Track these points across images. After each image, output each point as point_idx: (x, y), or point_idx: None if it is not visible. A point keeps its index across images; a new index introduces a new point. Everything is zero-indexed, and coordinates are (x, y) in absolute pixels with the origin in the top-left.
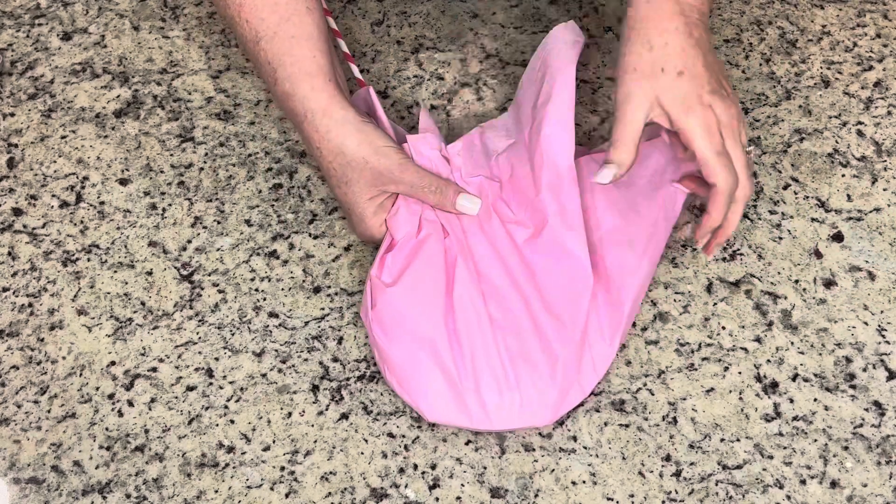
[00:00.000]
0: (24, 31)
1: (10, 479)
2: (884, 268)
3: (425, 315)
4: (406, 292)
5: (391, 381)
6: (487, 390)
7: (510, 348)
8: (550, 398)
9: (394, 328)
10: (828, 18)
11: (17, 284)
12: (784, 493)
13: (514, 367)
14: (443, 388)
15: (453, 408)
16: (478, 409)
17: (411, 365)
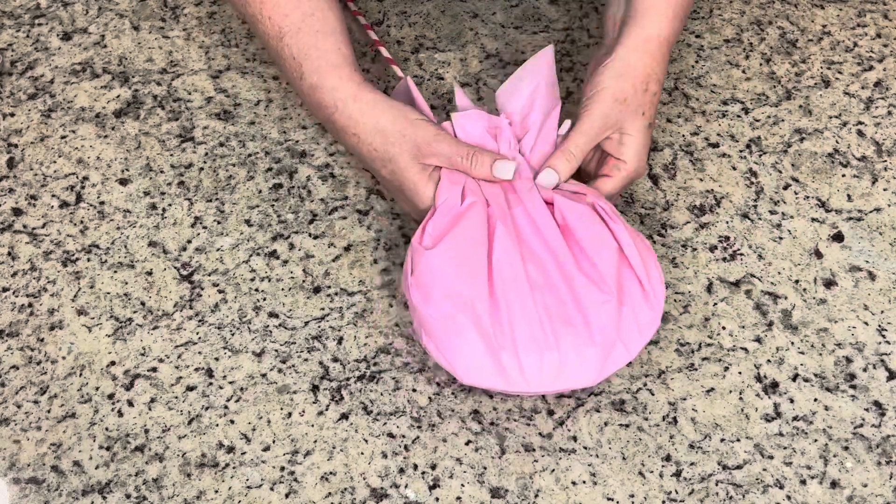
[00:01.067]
0: (24, 31)
1: (10, 479)
2: (884, 268)
3: (464, 277)
4: (445, 255)
5: (427, 345)
6: (525, 351)
7: (549, 309)
8: (591, 358)
9: (432, 290)
10: (828, 18)
11: (17, 284)
12: (784, 494)
13: (553, 328)
14: (480, 349)
15: (490, 369)
16: (515, 371)
17: (448, 326)
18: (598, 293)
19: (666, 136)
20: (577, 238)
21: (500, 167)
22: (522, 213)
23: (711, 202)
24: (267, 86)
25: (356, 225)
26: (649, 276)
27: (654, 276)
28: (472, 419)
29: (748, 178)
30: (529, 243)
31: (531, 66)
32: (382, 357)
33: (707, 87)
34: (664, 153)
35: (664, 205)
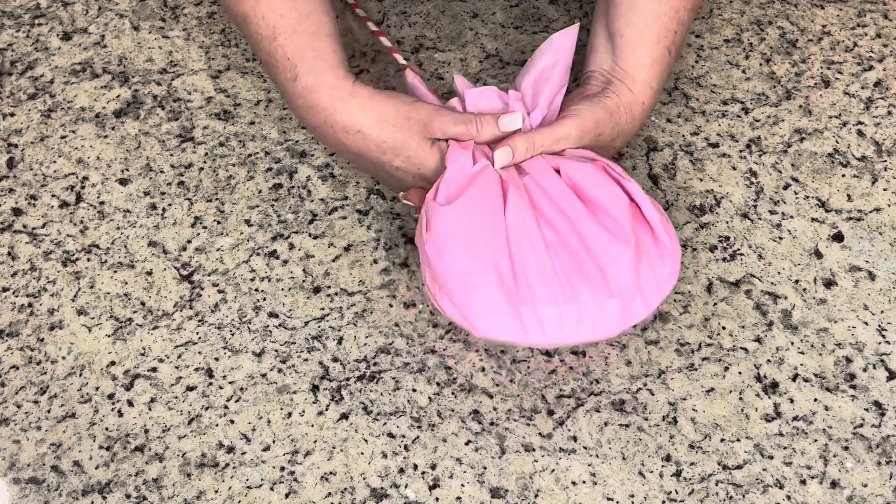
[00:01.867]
0: (24, 31)
1: (10, 479)
2: (884, 268)
3: (481, 233)
4: (462, 211)
5: (441, 301)
6: (543, 304)
7: (566, 266)
8: (611, 310)
9: (448, 246)
10: (828, 18)
11: (16, 284)
12: (784, 494)
13: (570, 281)
14: (499, 302)
15: (508, 321)
16: (534, 323)
17: (466, 280)
18: (616, 244)
19: (666, 136)
20: (589, 196)
21: (507, 120)
22: (531, 181)
23: (711, 202)
24: (267, 86)
25: (356, 225)
26: (667, 232)
27: (670, 232)
28: (472, 419)
29: (748, 178)
30: (542, 207)
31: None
32: (382, 357)
33: (707, 87)
34: (664, 153)
35: (664, 205)
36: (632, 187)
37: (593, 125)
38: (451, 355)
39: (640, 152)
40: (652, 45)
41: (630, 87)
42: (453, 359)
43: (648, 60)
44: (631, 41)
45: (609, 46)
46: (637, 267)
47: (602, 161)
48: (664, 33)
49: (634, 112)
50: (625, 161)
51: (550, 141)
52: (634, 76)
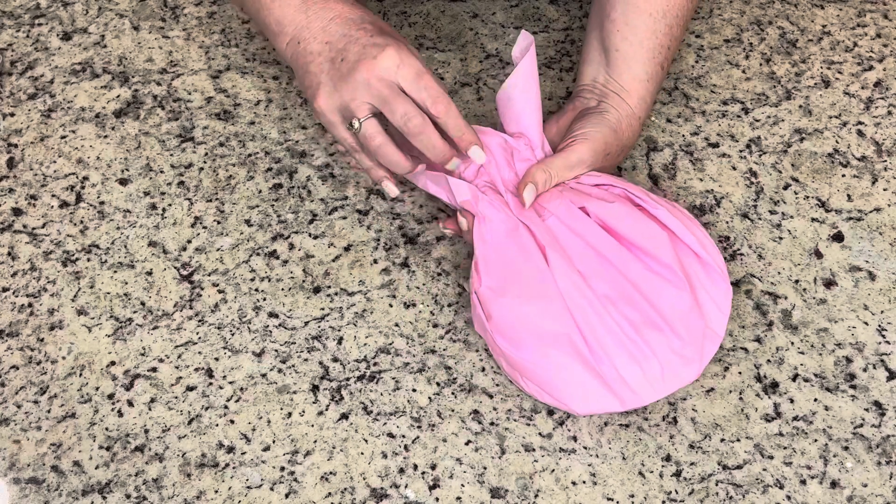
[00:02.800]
0: (24, 31)
1: (10, 479)
2: (884, 268)
3: (544, 311)
4: (519, 297)
5: (530, 390)
6: (626, 368)
7: (631, 319)
8: (689, 354)
9: (519, 334)
10: (828, 18)
11: (17, 284)
12: (784, 494)
13: (641, 336)
14: (586, 378)
15: (602, 394)
16: (624, 390)
17: (547, 365)
18: (671, 289)
19: (666, 136)
20: (626, 237)
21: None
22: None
23: (711, 202)
24: (267, 86)
25: (356, 225)
26: (707, 250)
27: (708, 247)
28: (472, 419)
29: (748, 178)
30: (582, 257)
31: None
32: (382, 357)
33: (707, 87)
34: (664, 153)
35: None
36: (660, 213)
37: (603, 146)
38: (451, 355)
39: (640, 152)
40: (647, 62)
41: (627, 101)
42: (453, 359)
43: (644, 76)
44: (627, 57)
45: (603, 60)
46: (697, 301)
47: (620, 188)
48: (658, 49)
49: (634, 126)
50: (625, 161)
51: (566, 169)
52: (631, 91)
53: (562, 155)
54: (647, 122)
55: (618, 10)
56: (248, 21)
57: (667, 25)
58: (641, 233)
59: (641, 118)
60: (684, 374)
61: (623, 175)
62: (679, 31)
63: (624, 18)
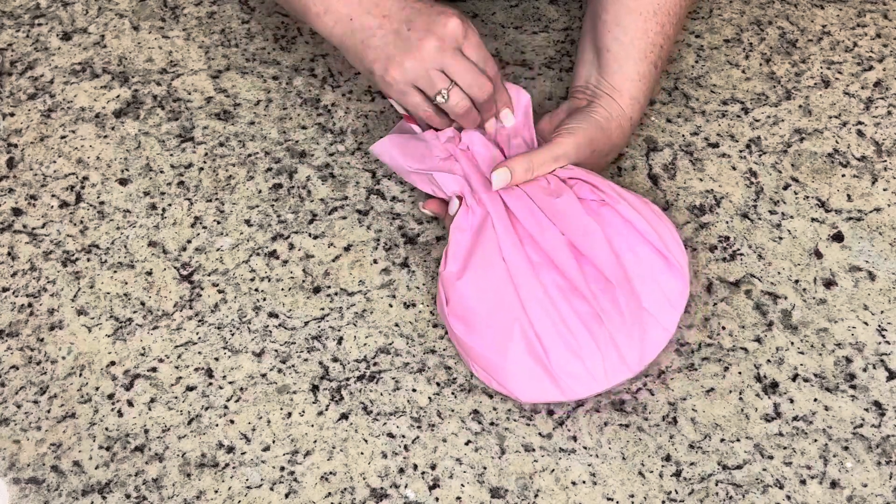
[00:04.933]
0: (23, 31)
1: (10, 479)
2: (884, 268)
3: (498, 300)
4: (475, 282)
5: (478, 373)
6: (570, 361)
7: (579, 311)
8: (627, 347)
9: (472, 319)
10: (828, 18)
11: (16, 284)
12: (784, 494)
13: (588, 329)
14: (532, 367)
15: (546, 384)
16: (567, 381)
17: (495, 351)
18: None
19: (666, 136)
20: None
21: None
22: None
23: (711, 202)
24: (267, 86)
25: (356, 225)
26: (667, 246)
27: (670, 243)
28: (472, 419)
29: (748, 178)
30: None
31: None
32: (382, 357)
33: (707, 87)
34: (664, 153)
35: (664, 205)
36: (622, 208)
37: (587, 141)
38: (451, 355)
39: (640, 152)
40: (639, 61)
41: (618, 101)
42: (453, 359)
43: (636, 76)
44: (618, 57)
45: (596, 61)
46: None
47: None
48: (650, 48)
49: (624, 126)
50: (625, 161)
51: (549, 160)
52: (622, 91)
53: (545, 147)
54: (647, 122)
55: (609, 10)
56: (248, 21)
57: (658, 24)
58: (577, 228)
59: (633, 118)
60: (623, 369)
61: (623, 175)
62: (672, 29)
63: (615, 19)
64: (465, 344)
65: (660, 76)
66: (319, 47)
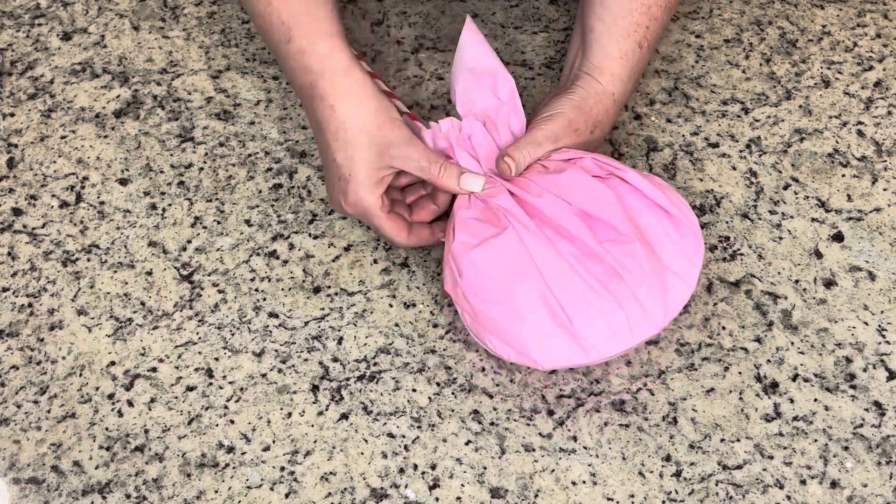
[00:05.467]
0: (23, 31)
1: (10, 479)
2: (884, 268)
3: (513, 268)
4: (488, 251)
5: (493, 346)
6: (592, 320)
7: (595, 272)
8: (651, 302)
9: (487, 287)
10: (828, 18)
11: (16, 284)
12: (784, 494)
13: (607, 288)
14: (550, 328)
15: (567, 346)
16: (591, 341)
17: (514, 319)
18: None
19: (666, 136)
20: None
21: (469, 180)
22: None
23: (711, 202)
24: (267, 86)
25: (356, 225)
26: (678, 208)
27: (680, 206)
28: (472, 419)
29: (748, 178)
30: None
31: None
32: (382, 357)
33: (707, 87)
34: (664, 153)
35: None
36: (629, 176)
37: (566, 123)
38: (451, 355)
39: (640, 152)
40: (621, 40)
41: (598, 79)
42: (453, 359)
43: (617, 54)
44: (600, 36)
45: (581, 44)
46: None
47: (589, 157)
48: (634, 28)
49: (606, 104)
50: (625, 161)
51: (534, 146)
52: (603, 69)
53: (528, 134)
54: (647, 123)
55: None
56: (248, 21)
57: (644, 5)
58: (587, 195)
59: (616, 95)
60: (648, 324)
61: None
62: (660, 12)
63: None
64: (481, 315)
65: (647, 58)
66: None
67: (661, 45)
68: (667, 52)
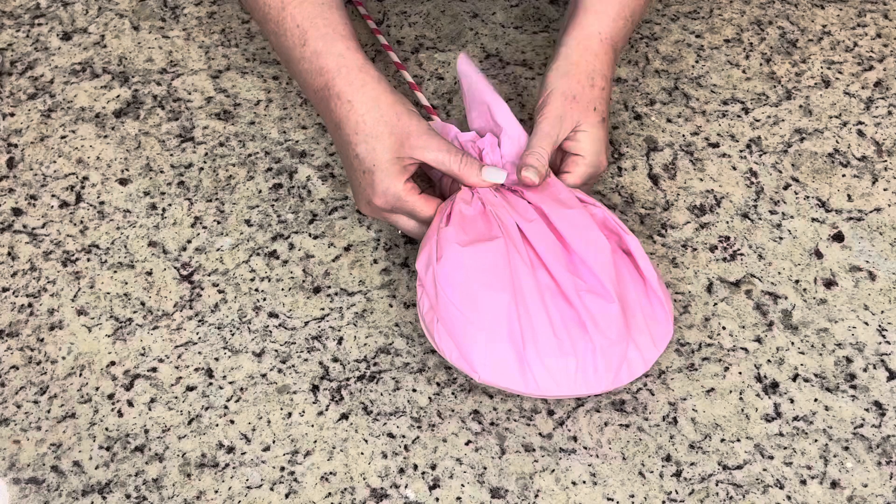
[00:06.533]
0: (23, 31)
1: (10, 479)
2: (884, 268)
3: (491, 278)
4: (475, 253)
5: (438, 337)
6: (547, 354)
7: (563, 315)
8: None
9: (461, 280)
10: (828, 18)
11: (16, 284)
12: (784, 494)
13: (569, 333)
14: (503, 348)
15: (511, 369)
16: (535, 373)
17: (474, 320)
18: (601, 301)
19: (666, 136)
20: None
21: (490, 172)
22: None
23: (711, 202)
24: (267, 86)
25: (356, 225)
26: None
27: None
28: (472, 419)
29: (748, 178)
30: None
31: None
32: (382, 357)
33: (707, 87)
34: (664, 153)
35: (664, 205)
36: (632, 243)
37: (560, 98)
38: None
39: (640, 152)
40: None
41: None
42: None
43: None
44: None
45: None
46: (628, 321)
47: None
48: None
49: (591, 46)
50: (625, 161)
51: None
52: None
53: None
54: (647, 122)
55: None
56: (248, 21)
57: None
58: (585, 239)
59: (603, 34)
60: (594, 381)
61: (623, 175)
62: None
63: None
64: (442, 304)
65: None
66: None
67: (661, 45)
68: (667, 52)
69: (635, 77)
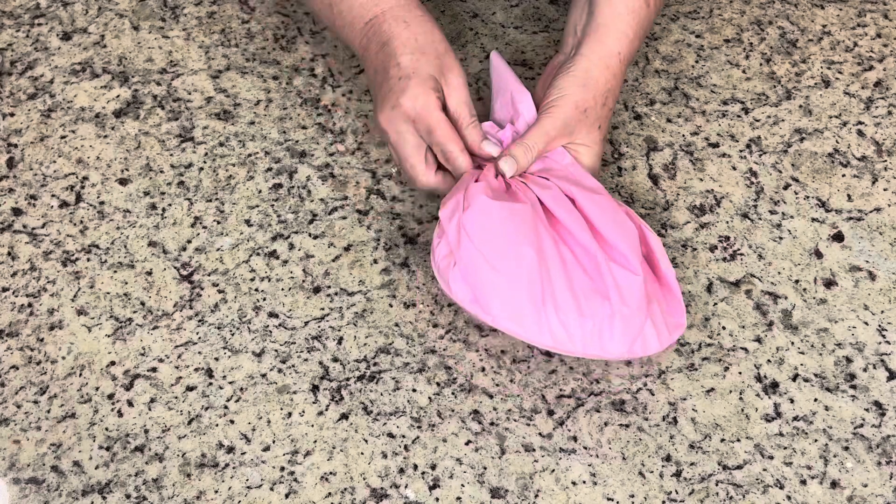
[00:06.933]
0: (23, 31)
1: (10, 479)
2: (884, 268)
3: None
4: (503, 210)
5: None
6: (565, 309)
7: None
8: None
9: (487, 225)
10: (828, 18)
11: (16, 284)
12: (784, 494)
13: (587, 297)
14: (520, 291)
15: (526, 314)
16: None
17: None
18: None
19: (666, 136)
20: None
21: (489, 145)
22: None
23: (711, 202)
24: (267, 86)
25: (356, 225)
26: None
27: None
28: (472, 419)
29: (748, 178)
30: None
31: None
32: (382, 357)
33: (707, 87)
34: (664, 153)
35: (664, 205)
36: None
37: (573, 106)
38: (451, 355)
39: (640, 152)
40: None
41: (603, 38)
42: (453, 359)
43: (625, 10)
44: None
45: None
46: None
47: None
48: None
49: (611, 66)
50: (625, 161)
51: (543, 141)
52: (609, 26)
53: (537, 125)
54: (647, 122)
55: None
56: (248, 21)
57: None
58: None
59: (623, 54)
60: (609, 346)
61: (623, 175)
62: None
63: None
64: (466, 249)
65: (653, 17)
66: (319, 47)
67: (661, 45)
68: (667, 52)
69: (635, 77)
